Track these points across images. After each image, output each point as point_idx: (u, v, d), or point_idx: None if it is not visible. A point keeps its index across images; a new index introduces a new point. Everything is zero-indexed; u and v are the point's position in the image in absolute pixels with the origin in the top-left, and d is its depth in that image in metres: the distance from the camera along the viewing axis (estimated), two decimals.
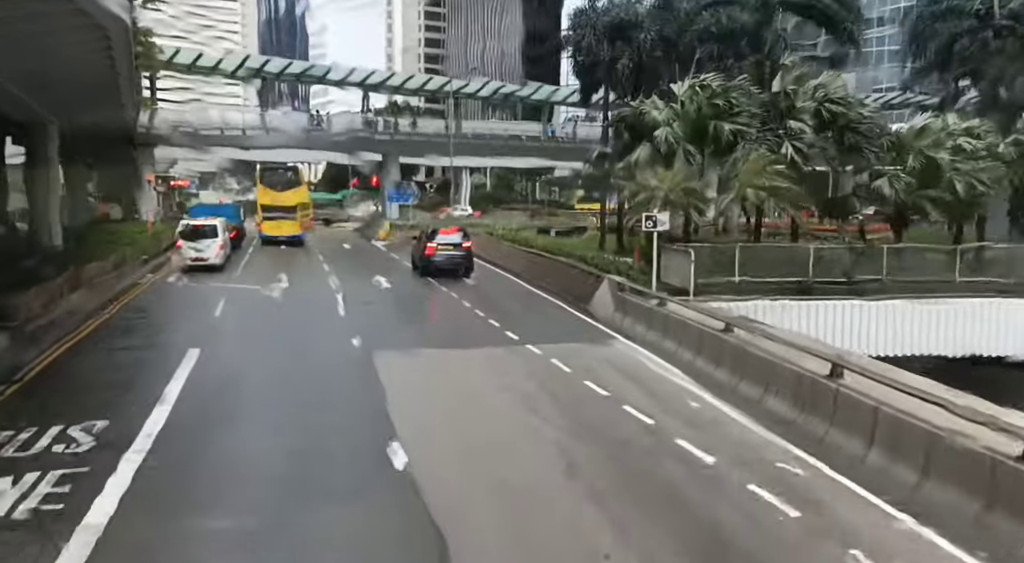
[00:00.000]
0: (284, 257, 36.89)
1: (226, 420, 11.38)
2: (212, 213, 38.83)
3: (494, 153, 54.83)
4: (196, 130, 45.30)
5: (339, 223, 65.16)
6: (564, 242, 31.88)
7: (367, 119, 51.53)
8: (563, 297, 22.60)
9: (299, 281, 27.39)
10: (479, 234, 44.90)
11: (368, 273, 29.68)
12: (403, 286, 27.07)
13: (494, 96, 55.05)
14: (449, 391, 13.06)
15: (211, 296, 23.36)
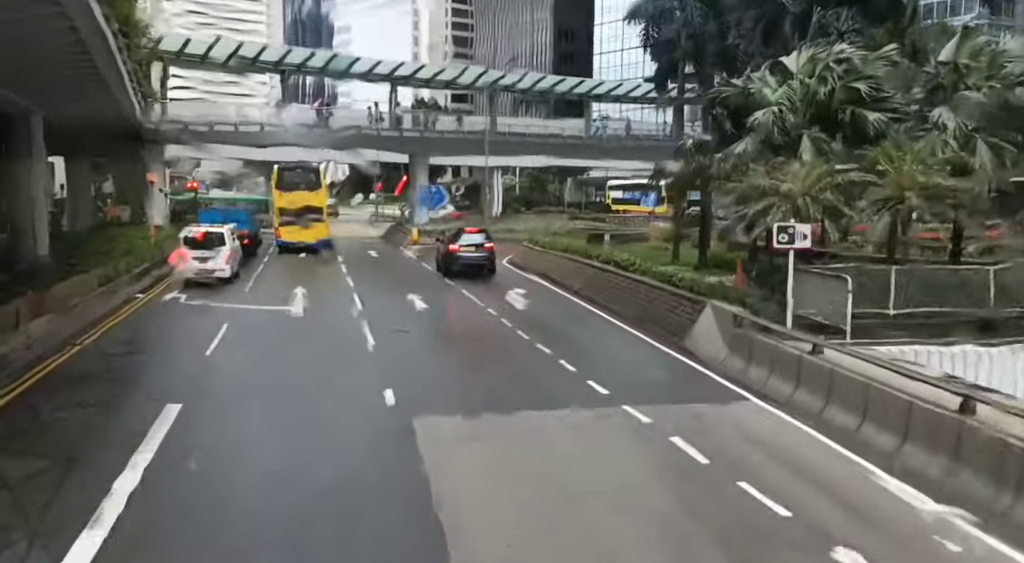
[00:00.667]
0: (302, 268, 32.69)
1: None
2: (223, 218, 34.77)
3: (531, 152, 50.30)
4: (211, 126, 41.30)
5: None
6: (625, 252, 27.31)
7: (397, 115, 47.24)
8: (645, 327, 18.04)
9: (318, 299, 23.10)
10: (517, 242, 40.61)
11: (398, 288, 25.36)
12: (441, 306, 22.66)
13: (533, 89, 50.59)
14: (534, 506, 8.39)
15: (211, 321, 19.12)
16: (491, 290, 25.50)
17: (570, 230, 48.03)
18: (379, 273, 31.28)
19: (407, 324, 19.43)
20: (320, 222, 37.82)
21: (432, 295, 24.04)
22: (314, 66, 45.61)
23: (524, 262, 32.29)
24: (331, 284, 27.20)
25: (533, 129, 49.51)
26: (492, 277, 28.99)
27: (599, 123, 51.48)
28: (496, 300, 22.92)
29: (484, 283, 27.65)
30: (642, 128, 52.31)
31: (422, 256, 37.41)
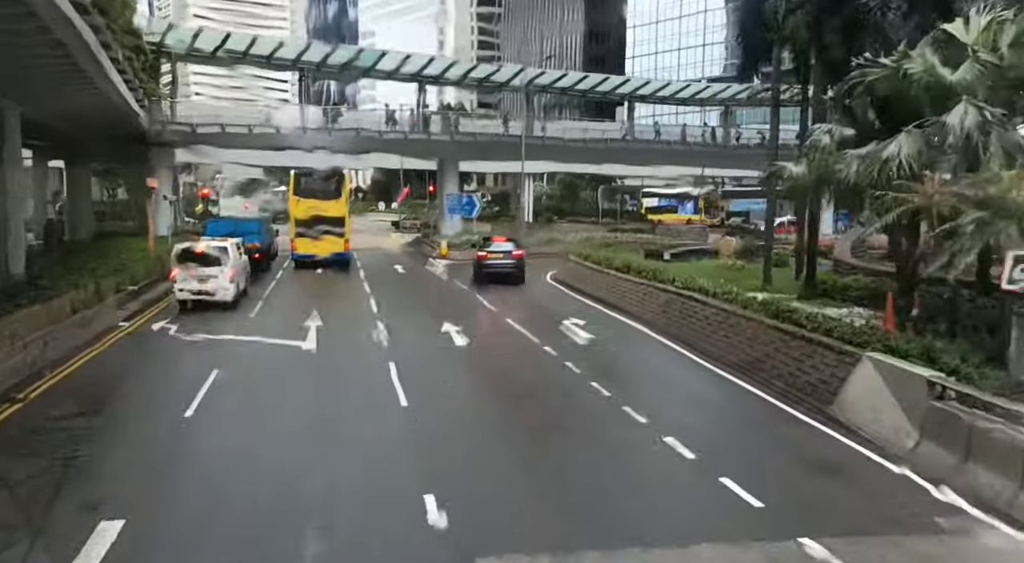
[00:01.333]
0: (319, 286, 28.82)
1: None
2: (232, 228, 31.00)
3: (571, 157, 46.21)
4: (222, 128, 37.66)
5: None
6: (689, 270, 22.98)
7: (426, 116, 43.33)
8: (760, 380, 13.79)
9: (335, 329, 19.14)
10: (557, 254, 36.46)
11: (431, 315, 21.36)
12: (486, 342, 18.53)
13: (573, 88, 46.51)
14: None
15: (201, 364, 15.21)
16: (542, 318, 21.38)
17: (614, 242, 43.99)
18: (406, 294, 27.26)
19: (446, 371, 15.34)
20: (341, 234, 33.95)
21: (472, 325, 19.95)
22: (335, 63, 41.88)
23: (572, 280, 28.15)
24: (351, 308, 23.21)
25: (571, 133, 45.29)
26: (539, 300, 25.01)
27: (656, 126, 47.21)
28: (551, 333, 18.79)
29: (531, 308, 23.60)
30: (672, 131, 47.76)
31: (453, 272, 33.37)
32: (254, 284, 27.84)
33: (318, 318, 20.46)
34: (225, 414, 12.22)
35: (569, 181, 78.57)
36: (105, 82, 23.31)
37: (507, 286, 28.25)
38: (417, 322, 20.77)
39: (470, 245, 40.19)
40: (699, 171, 50.25)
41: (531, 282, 30.59)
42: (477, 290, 26.89)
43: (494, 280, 27.45)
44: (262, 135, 38.83)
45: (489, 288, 27.65)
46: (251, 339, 17.90)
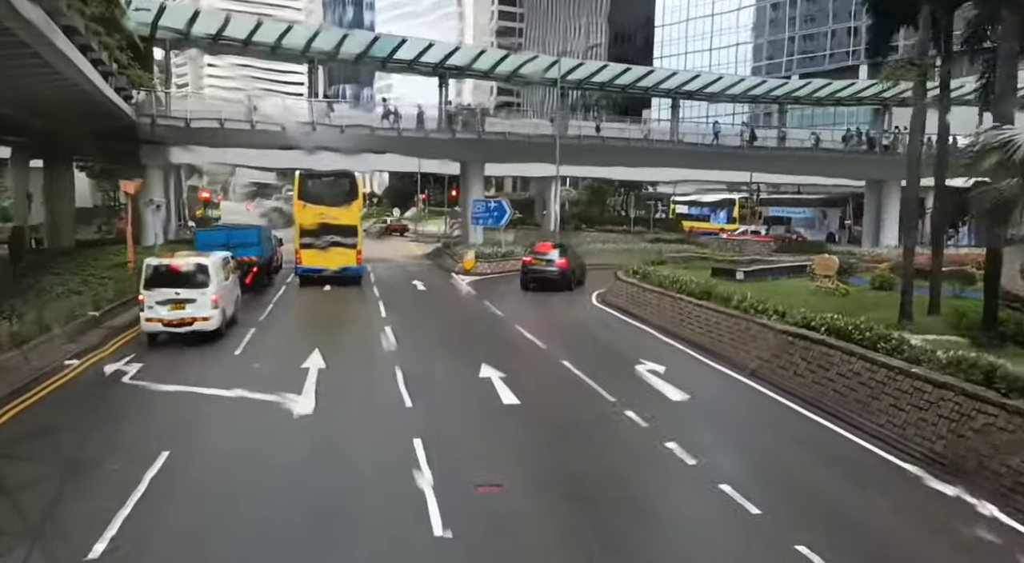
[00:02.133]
0: (326, 309, 24.31)
1: None
2: (225, 238, 26.62)
3: (609, 159, 41.61)
4: (220, 123, 33.30)
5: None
6: (784, 296, 18.13)
7: (450, 112, 38.75)
8: (986, 488, 9.02)
9: (340, 379, 14.58)
10: (598, 267, 31.81)
11: (464, 353, 16.81)
12: (542, 400, 13.75)
13: (612, 82, 41.83)
14: None
15: (143, 439, 10.77)
16: (606, 359, 16.74)
17: (660, 256, 39.35)
18: (430, 320, 22.60)
19: (496, 454, 10.65)
20: (352, 245, 29.42)
21: (518, 369, 15.27)
22: (349, 53, 37.49)
23: (629, 305, 23.43)
24: (363, 341, 18.60)
25: (610, 132, 40.63)
26: (593, 332, 20.36)
27: (715, 127, 42.40)
28: (625, 384, 14.17)
29: (587, 343, 18.95)
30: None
31: (482, 290, 28.75)
32: (250, 305, 23.48)
33: (320, 357, 15.93)
34: (159, 554, 7.62)
35: (597, 187, 73.82)
36: (68, 66, 19.03)
37: (552, 312, 23.73)
38: (448, 363, 16.15)
39: (499, 257, 35.72)
40: (747, 176, 45.27)
41: (576, 304, 25.96)
42: (516, 317, 22.23)
43: (539, 286, 27.64)
44: (265, 132, 34.46)
45: (530, 315, 23.06)
46: (227, 393, 13.30)
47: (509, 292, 28.81)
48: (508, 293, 28.44)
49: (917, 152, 17.13)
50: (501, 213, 36.14)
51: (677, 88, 42.37)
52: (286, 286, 29.01)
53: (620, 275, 26.63)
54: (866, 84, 43.55)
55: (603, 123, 43.22)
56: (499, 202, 36.83)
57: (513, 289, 29.79)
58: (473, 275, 33.71)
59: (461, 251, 37.30)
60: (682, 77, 42.04)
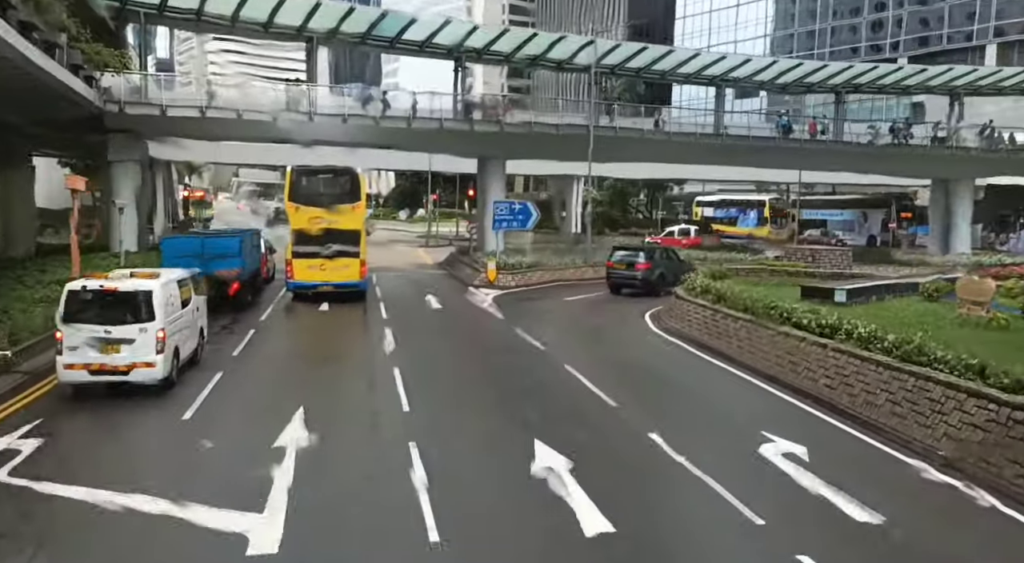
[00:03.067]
0: (318, 341, 19.31)
1: None
2: (198, 248, 21.89)
3: (649, 155, 36.66)
4: (202, 111, 28.45)
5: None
6: (917, 326, 13.21)
7: (468, 101, 33.80)
8: None
9: (326, 472, 9.72)
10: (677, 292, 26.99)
11: (507, 413, 12.03)
12: (667, 538, 8.75)
13: (650, 68, 36.71)
14: None
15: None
16: (712, 431, 11.80)
17: (710, 265, 34.54)
18: (453, 357, 17.57)
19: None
20: (355, 255, 24.64)
21: (593, 452, 10.37)
22: (352, 32, 32.61)
23: (702, 334, 18.51)
24: (365, 398, 13.68)
25: (647, 125, 35.66)
26: (671, 377, 15.39)
27: (784, 119, 37.24)
28: (763, 482, 9.30)
29: (671, 397, 13.95)
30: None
31: (510, 309, 23.87)
32: (225, 333, 18.76)
33: (302, 426, 11.13)
34: None
35: (620, 187, 68.89)
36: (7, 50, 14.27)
37: (604, 343, 18.87)
38: (486, 440, 11.23)
39: (524, 268, 30.87)
40: (796, 174, 40.20)
41: (630, 330, 21.09)
42: (561, 351, 17.34)
43: (618, 288, 27.23)
44: (254, 123, 29.60)
45: (577, 348, 18.16)
46: (149, 507, 8.43)
47: (542, 312, 23.94)
48: (541, 314, 23.56)
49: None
50: (527, 215, 31.24)
51: (724, 74, 37.32)
52: (274, 304, 24.18)
53: (680, 292, 21.75)
54: (939, 70, 38.46)
55: (629, 117, 38.13)
56: (524, 203, 31.97)
57: (545, 308, 24.93)
58: (495, 288, 28.84)
59: (480, 259, 32.42)
60: (731, 61, 36.92)
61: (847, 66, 39.04)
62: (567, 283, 31.18)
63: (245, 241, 23.26)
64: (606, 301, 26.78)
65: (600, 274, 32.76)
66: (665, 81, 40.67)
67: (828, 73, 37.57)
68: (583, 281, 31.72)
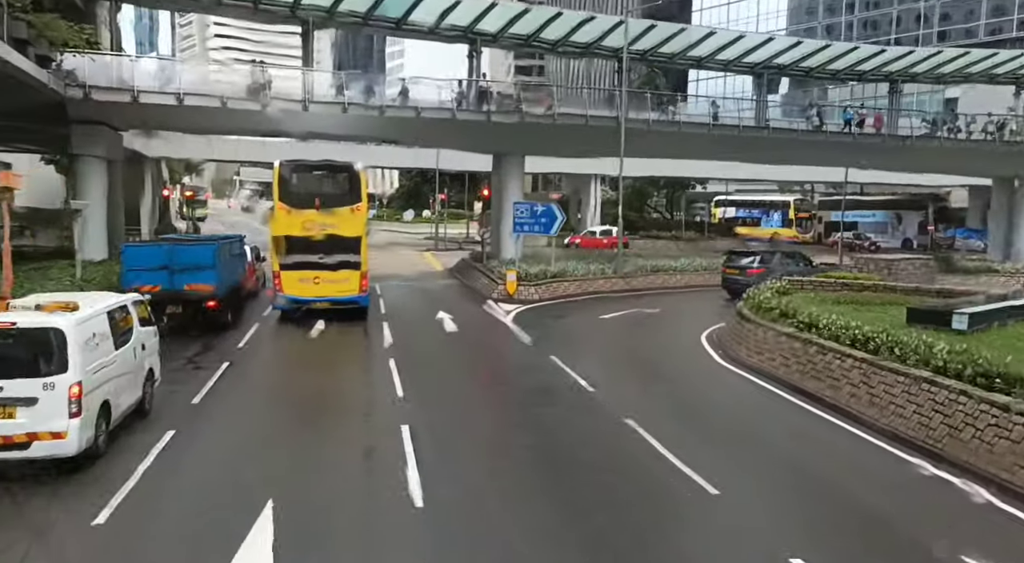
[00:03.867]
0: (304, 381, 15.14)
1: None
2: (165, 259, 18.19)
3: (686, 151, 32.88)
4: (179, 98, 24.63)
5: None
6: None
7: (483, 89, 29.92)
8: None
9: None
10: (682, 292, 23.18)
11: (566, 510, 8.11)
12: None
13: (685, 55, 32.73)
14: None
15: None
16: (868, 547, 7.87)
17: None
18: (478, 404, 13.67)
19: None
20: (355, 266, 20.87)
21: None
22: (352, 12, 28.75)
23: (791, 373, 14.59)
24: (358, 479, 9.77)
25: (685, 117, 31.74)
26: (775, 444, 11.47)
27: (850, 113, 33.19)
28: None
29: (803, 495, 9.86)
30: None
31: (537, 329, 20.05)
32: (191, 367, 15.03)
33: (271, 533, 7.33)
34: None
35: (639, 187, 64.96)
36: None
37: (664, 380, 14.88)
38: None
39: (549, 277, 27.05)
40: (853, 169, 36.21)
41: (688, 361, 17.23)
42: (615, 395, 13.53)
43: (738, 292, 22.94)
44: (240, 112, 25.81)
45: (632, 387, 14.31)
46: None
47: (576, 334, 20.13)
48: (576, 337, 19.75)
49: None
50: (551, 219, 27.37)
51: (768, 60, 33.38)
52: (258, 325, 20.39)
53: (745, 312, 17.91)
54: (1008, 55, 34.45)
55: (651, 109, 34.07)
56: (548, 205, 28.12)
57: (579, 328, 21.14)
58: (516, 302, 25.02)
59: (497, 268, 28.61)
60: (779, 43, 32.67)
61: (907, 51, 35.06)
62: (596, 296, 27.34)
63: (223, 249, 19.44)
64: (647, 319, 22.95)
65: (632, 286, 29.11)
66: (702, 68, 36.81)
67: (885, 59, 33.58)
68: (614, 294, 27.89)
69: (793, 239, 65.95)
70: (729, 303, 23.76)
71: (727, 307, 24.04)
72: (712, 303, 25.98)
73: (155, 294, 17.33)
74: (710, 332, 20.29)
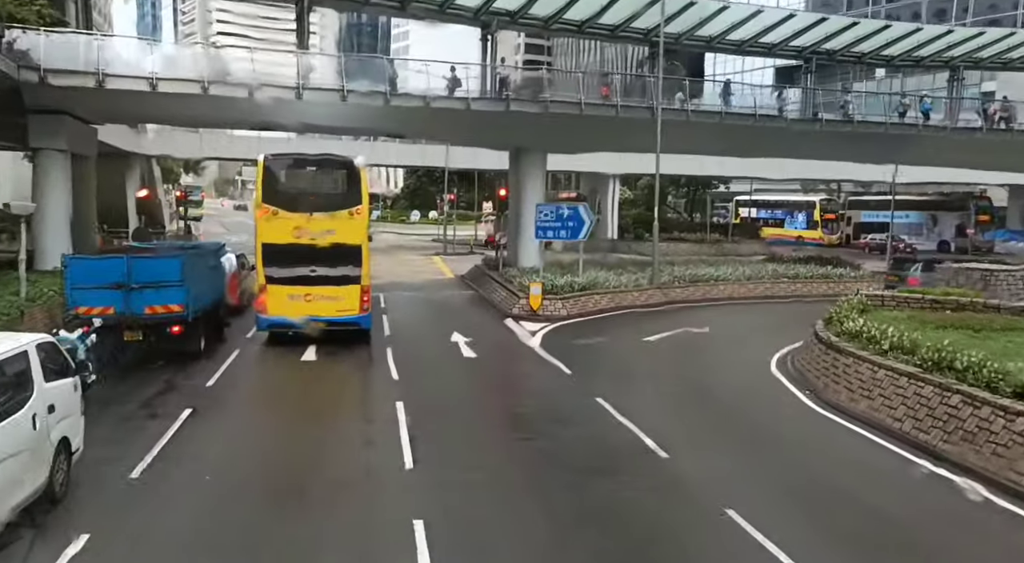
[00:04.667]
0: (285, 439, 11.47)
1: None
2: (118, 275, 14.88)
3: (731, 146, 29.38)
4: (152, 84, 21.24)
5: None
6: None
7: (501, 76, 26.46)
8: None
9: None
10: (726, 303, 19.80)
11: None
12: None
13: (725, 38, 29.14)
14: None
15: None
16: None
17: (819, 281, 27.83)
18: (516, 487, 10.15)
19: None
20: (353, 280, 17.50)
21: None
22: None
23: (913, 425, 11.07)
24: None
25: (731, 107, 28.20)
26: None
27: (928, 102, 29.56)
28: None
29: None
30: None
31: (571, 355, 16.64)
32: (150, 409, 11.72)
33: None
34: None
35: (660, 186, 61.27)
36: None
37: (770, 449, 11.26)
38: None
39: (576, 290, 23.65)
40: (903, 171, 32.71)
41: (769, 402, 13.79)
42: (694, 460, 10.12)
43: None
44: (224, 100, 22.43)
45: (720, 452, 10.85)
46: None
47: (622, 365, 16.71)
48: (622, 368, 16.34)
49: None
50: (579, 223, 23.89)
51: (817, 44, 29.83)
52: (239, 351, 17.00)
53: (834, 339, 14.48)
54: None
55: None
56: (575, 207, 24.64)
57: (622, 355, 17.75)
58: (542, 320, 21.58)
59: (516, 278, 25.21)
60: (833, 24, 28.90)
61: (977, 32, 31.42)
62: (631, 311, 23.90)
63: (193, 262, 15.98)
64: (699, 342, 19.51)
65: (670, 298, 25.68)
66: (742, 53, 33.30)
67: (949, 42, 30.03)
68: (651, 308, 24.46)
69: (818, 241, 62.59)
70: (782, 321, 20.48)
71: (781, 325, 20.77)
72: (764, 319, 22.72)
73: (107, 318, 14.25)
74: (779, 359, 16.95)
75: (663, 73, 26.42)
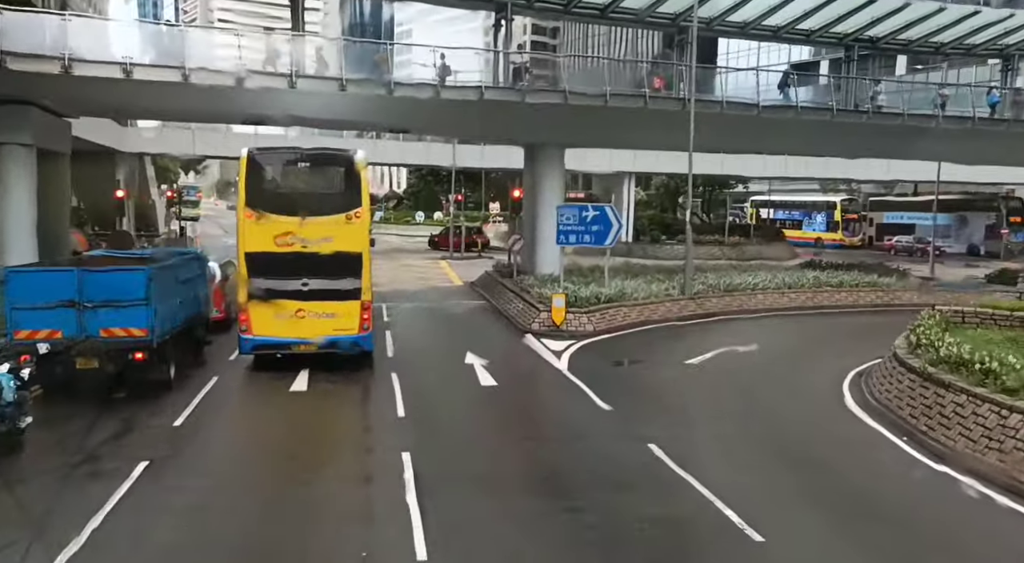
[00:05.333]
0: (260, 497, 8.87)
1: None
2: (74, 291, 12.38)
3: (767, 143, 26.82)
4: (126, 71, 18.77)
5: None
6: None
7: (517, 65, 23.90)
8: None
9: None
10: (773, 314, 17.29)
11: None
12: None
13: (760, 24, 26.63)
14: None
15: None
16: None
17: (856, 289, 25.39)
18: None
19: None
20: (353, 295, 15.01)
21: None
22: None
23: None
24: None
25: (769, 98, 25.64)
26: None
27: (996, 94, 26.91)
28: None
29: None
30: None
31: (605, 383, 14.12)
32: (93, 461, 9.34)
33: None
34: None
35: (673, 186, 58.92)
36: None
37: (889, 531, 8.63)
38: None
39: (603, 302, 21.11)
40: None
41: (859, 452, 11.25)
42: (802, 557, 7.54)
43: None
44: (208, 89, 19.88)
45: (823, 537, 8.25)
46: None
47: (668, 396, 14.15)
48: (670, 402, 13.79)
49: None
50: (605, 226, 21.22)
51: (861, 30, 27.12)
52: (216, 380, 14.48)
53: (933, 372, 11.93)
54: None
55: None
56: (601, 208, 21.99)
57: (665, 383, 15.16)
58: (566, 336, 19.04)
59: (534, 287, 22.68)
60: (882, 6, 26.15)
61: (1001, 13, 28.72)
62: (664, 325, 21.34)
63: (160, 275, 13.42)
64: (750, 364, 16.95)
65: (705, 309, 23.10)
66: (779, 40, 30.67)
67: (1006, 27, 27.41)
68: (686, 321, 21.90)
69: (839, 243, 59.95)
70: (833, 336, 18.06)
71: (835, 342, 18.40)
72: (815, 333, 20.44)
73: (55, 343, 11.86)
74: (850, 386, 14.44)
75: (694, 62, 23.90)
